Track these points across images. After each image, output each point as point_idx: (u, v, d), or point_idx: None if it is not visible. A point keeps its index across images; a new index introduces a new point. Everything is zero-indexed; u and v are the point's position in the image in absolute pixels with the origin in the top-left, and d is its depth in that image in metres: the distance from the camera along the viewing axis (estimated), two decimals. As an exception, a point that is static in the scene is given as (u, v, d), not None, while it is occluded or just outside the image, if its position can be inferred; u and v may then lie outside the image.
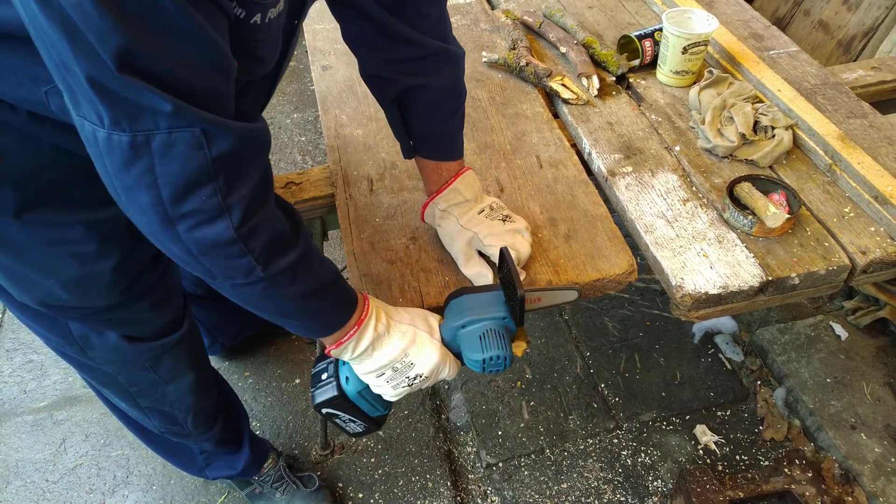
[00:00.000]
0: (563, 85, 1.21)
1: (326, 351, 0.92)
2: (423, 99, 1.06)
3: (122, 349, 1.08)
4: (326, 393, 0.98)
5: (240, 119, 0.68)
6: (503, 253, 0.96)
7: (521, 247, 1.08)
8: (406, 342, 0.92)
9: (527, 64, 1.06)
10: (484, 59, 1.32)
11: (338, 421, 1.02)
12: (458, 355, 0.97)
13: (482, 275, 1.08)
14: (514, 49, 1.02)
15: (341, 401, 0.98)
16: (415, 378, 0.94)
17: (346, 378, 0.98)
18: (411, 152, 1.13)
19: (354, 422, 1.02)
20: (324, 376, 1.00)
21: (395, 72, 1.03)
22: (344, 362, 0.97)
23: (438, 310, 1.00)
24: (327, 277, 0.84)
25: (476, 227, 1.09)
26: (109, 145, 0.61)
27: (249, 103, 0.94)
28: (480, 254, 1.11)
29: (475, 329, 0.94)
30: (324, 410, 1.00)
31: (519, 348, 1.00)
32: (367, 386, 0.97)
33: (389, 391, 0.96)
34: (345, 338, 0.89)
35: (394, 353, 0.92)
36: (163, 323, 1.12)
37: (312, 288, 0.82)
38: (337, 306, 0.87)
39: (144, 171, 0.63)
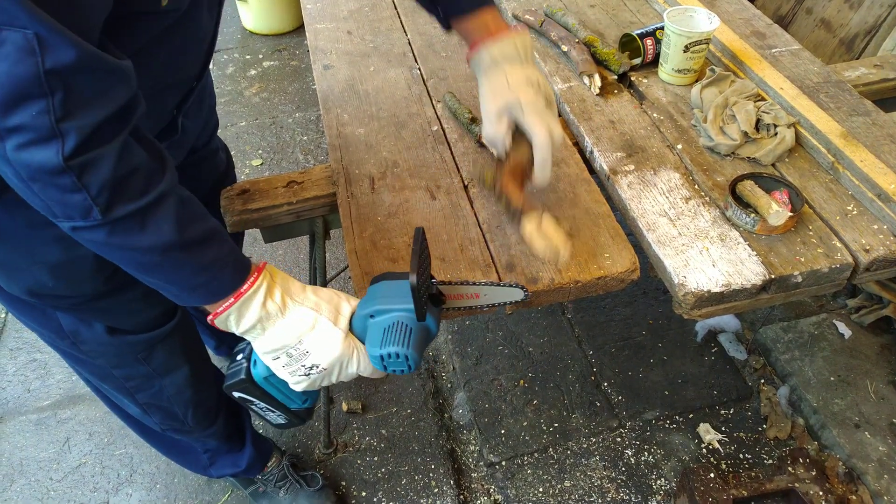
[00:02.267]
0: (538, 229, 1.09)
1: (209, 319, 0.83)
2: None
3: (113, 342, 1.07)
4: (236, 375, 0.90)
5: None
6: (417, 232, 0.83)
7: (557, 131, 0.97)
8: (302, 327, 0.84)
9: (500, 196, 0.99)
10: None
11: (254, 408, 0.94)
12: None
13: (499, 138, 0.97)
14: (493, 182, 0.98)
15: (249, 385, 0.90)
16: (311, 368, 0.86)
17: (255, 361, 0.90)
18: (447, 20, 1.04)
19: (272, 411, 0.95)
20: (238, 357, 0.92)
21: None
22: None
23: None
24: (197, 234, 0.77)
25: (523, 95, 0.96)
26: None
27: (200, 32, 0.90)
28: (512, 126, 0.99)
29: (382, 320, 0.84)
30: (235, 394, 0.92)
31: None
32: (271, 371, 0.89)
33: (289, 378, 0.88)
34: (221, 308, 0.81)
35: (286, 336, 0.84)
36: (154, 314, 1.10)
37: (171, 242, 0.74)
38: (211, 269, 0.79)
39: None
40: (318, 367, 0.86)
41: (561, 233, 0.95)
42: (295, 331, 0.84)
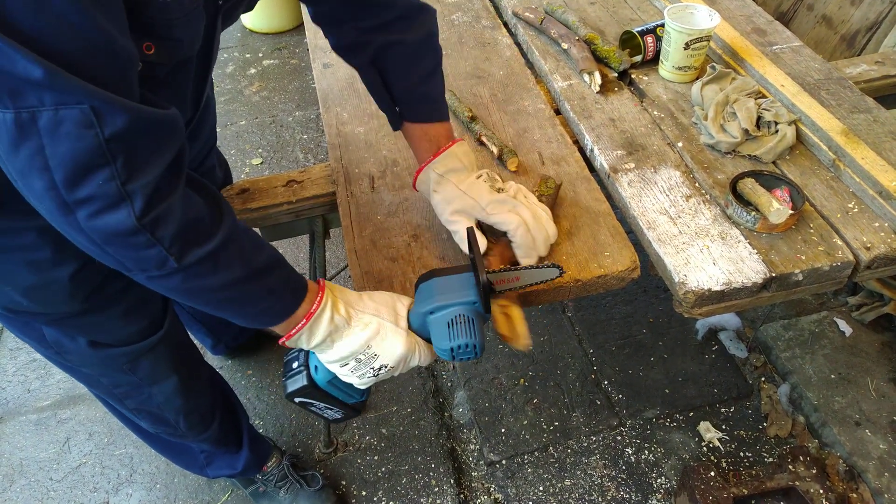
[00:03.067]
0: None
1: (281, 341, 0.88)
2: (400, 56, 1.04)
3: (96, 354, 1.07)
4: (297, 382, 0.95)
5: (157, 107, 0.65)
6: (469, 233, 0.91)
7: (526, 213, 1.04)
8: (369, 333, 0.88)
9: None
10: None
11: (313, 409, 0.99)
12: (429, 341, 0.94)
13: (460, 235, 1.05)
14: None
15: (312, 390, 0.95)
16: (380, 369, 0.91)
17: (316, 367, 0.95)
18: (399, 120, 1.10)
19: (331, 409, 0.99)
20: (294, 364, 0.96)
21: (368, 35, 1.01)
22: (312, 351, 0.94)
23: None
24: (261, 264, 0.80)
25: (477, 195, 1.04)
26: None
27: (180, 89, 0.91)
28: (479, 224, 1.07)
29: (444, 315, 0.90)
30: (297, 399, 0.96)
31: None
32: (336, 375, 0.94)
33: (356, 380, 0.93)
34: (294, 330, 0.85)
35: (355, 345, 0.88)
36: (137, 328, 1.10)
37: (242, 276, 0.77)
38: (276, 294, 0.83)
39: (34, 153, 0.60)
40: (386, 366, 0.91)
41: (524, 326, 1.01)
42: (363, 338, 0.88)
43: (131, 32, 0.67)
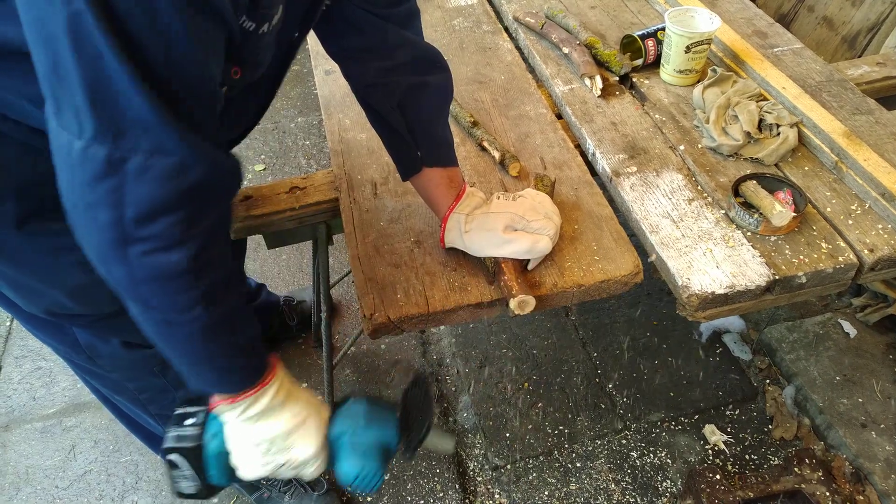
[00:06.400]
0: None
1: (212, 406, 0.86)
2: (426, 99, 1.04)
3: (129, 356, 1.08)
4: (185, 440, 0.90)
5: (218, 143, 0.66)
6: (417, 378, 0.93)
7: (550, 226, 1.07)
8: (296, 423, 0.87)
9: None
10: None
11: (175, 472, 0.94)
12: (331, 457, 0.92)
13: (540, 240, 1.05)
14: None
15: (196, 454, 0.90)
16: (284, 463, 0.88)
17: (214, 434, 0.90)
18: (418, 165, 1.08)
19: (192, 481, 0.94)
20: (189, 421, 0.92)
21: (393, 75, 1.01)
22: (215, 418, 0.90)
23: (441, 316, 0.99)
24: (252, 332, 0.81)
25: (510, 207, 1.07)
26: (84, 157, 0.60)
27: (250, 108, 0.94)
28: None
29: (357, 443, 0.90)
30: (170, 456, 0.92)
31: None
32: (229, 452, 0.90)
33: (252, 467, 0.89)
34: (241, 396, 0.83)
35: (280, 429, 0.86)
36: None
37: (243, 339, 0.79)
38: (251, 365, 0.83)
39: (113, 189, 0.61)
40: (290, 462, 0.88)
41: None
42: (289, 425, 0.87)
43: (225, 62, 0.69)
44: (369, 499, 1.70)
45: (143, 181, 0.61)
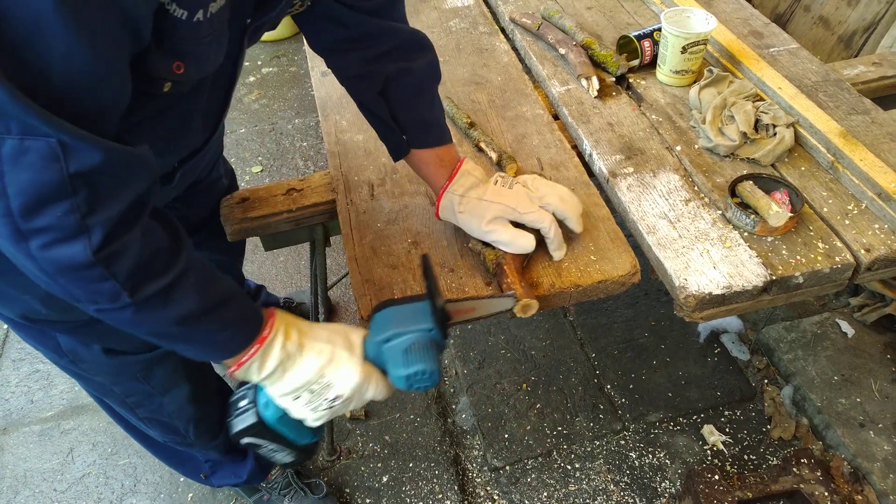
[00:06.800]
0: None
1: (230, 372, 0.85)
2: (408, 85, 1.04)
3: (110, 362, 1.07)
4: (245, 421, 0.91)
5: (132, 144, 0.64)
6: (425, 260, 0.91)
7: (544, 218, 1.06)
8: (322, 361, 0.86)
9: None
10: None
11: (262, 451, 0.95)
12: (384, 372, 0.92)
13: (523, 236, 1.04)
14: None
15: (261, 429, 0.91)
16: (334, 400, 0.88)
17: (266, 403, 0.91)
18: (405, 148, 1.09)
19: (281, 451, 0.96)
20: (242, 403, 0.93)
21: (375, 65, 1.01)
22: (261, 387, 0.90)
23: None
24: (216, 297, 0.79)
25: (504, 199, 1.05)
26: None
27: (202, 106, 0.91)
28: (513, 223, 1.07)
29: (400, 343, 0.88)
30: (244, 440, 0.93)
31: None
32: (287, 411, 0.90)
33: (309, 415, 0.89)
34: (245, 358, 0.82)
35: (308, 373, 0.85)
36: None
37: (196, 309, 0.76)
38: (231, 327, 0.81)
39: None
40: (340, 397, 0.87)
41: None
42: (316, 366, 0.86)
43: (162, 55, 0.67)
44: (368, 501, 1.70)
45: (21, 167, 0.59)
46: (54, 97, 0.58)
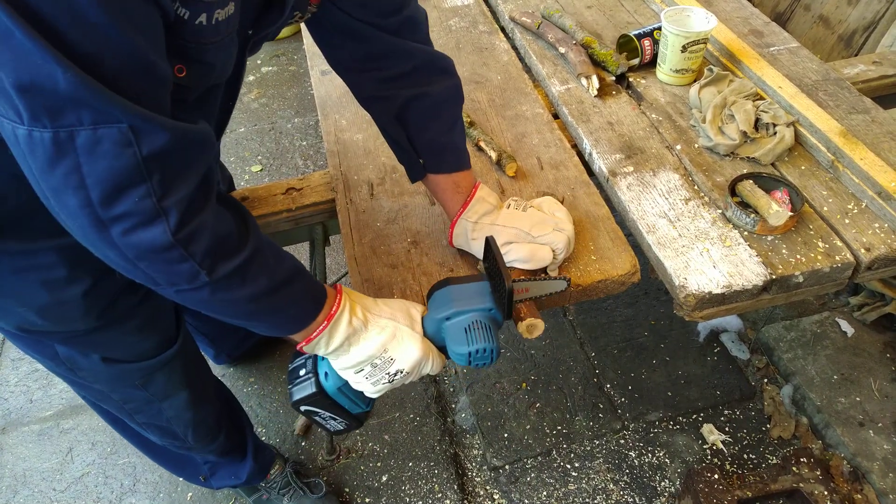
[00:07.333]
0: None
1: (299, 347, 0.89)
2: (425, 109, 1.03)
3: (109, 370, 1.06)
4: (305, 389, 0.95)
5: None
6: (489, 242, 0.93)
7: (560, 239, 1.06)
8: (385, 337, 0.89)
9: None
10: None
11: (317, 419, 0.99)
12: (442, 348, 0.94)
13: (541, 249, 1.04)
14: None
15: (320, 398, 0.95)
16: (395, 374, 0.91)
17: (326, 374, 0.94)
18: (421, 172, 1.09)
19: (335, 419, 0.99)
20: (302, 372, 0.96)
21: (392, 88, 1.01)
22: (322, 357, 0.94)
23: None
24: (284, 275, 0.81)
25: (518, 223, 1.06)
26: (31, 143, 0.59)
27: (206, 115, 0.91)
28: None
29: (461, 321, 0.91)
30: (302, 408, 0.96)
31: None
32: (347, 382, 0.94)
33: (370, 387, 0.93)
34: (314, 333, 0.86)
35: (372, 348, 0.89)
36: (151, 344, 1.09)
37: (267, 287, 0.79)
38: (299, 303, 0.84)
39: (70, 171, 0.60)
40: (401, 371, 0.91)
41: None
42: (379, 341, 0.89)
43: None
44: (368, 500, 1.70)
45: (97, 156, 0.60)
46: (115, 82, 0.58)
